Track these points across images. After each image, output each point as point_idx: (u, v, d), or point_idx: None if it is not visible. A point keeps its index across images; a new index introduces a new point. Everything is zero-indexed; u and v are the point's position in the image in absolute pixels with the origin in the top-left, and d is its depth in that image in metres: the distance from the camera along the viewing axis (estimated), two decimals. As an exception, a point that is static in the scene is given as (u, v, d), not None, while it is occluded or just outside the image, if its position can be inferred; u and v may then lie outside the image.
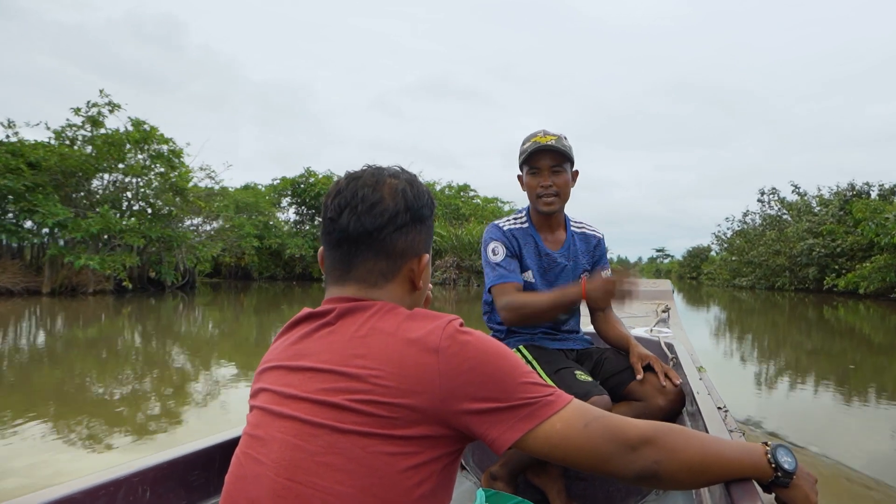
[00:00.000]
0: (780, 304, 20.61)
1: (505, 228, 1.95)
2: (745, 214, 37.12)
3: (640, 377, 1.76)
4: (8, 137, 16.08)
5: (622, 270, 1.75)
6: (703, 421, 1.34)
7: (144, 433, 3.85)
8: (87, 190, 17.78)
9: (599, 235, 2.07)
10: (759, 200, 35.24)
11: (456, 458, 0.83)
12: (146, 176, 18.54)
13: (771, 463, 0.85)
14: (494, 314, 2.00)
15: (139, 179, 18.55)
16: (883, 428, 4.38)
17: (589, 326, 2.23)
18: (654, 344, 2.41)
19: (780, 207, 33.72)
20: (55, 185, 16.30)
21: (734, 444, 0.87)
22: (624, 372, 1.83)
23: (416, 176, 0.95)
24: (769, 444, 0.87)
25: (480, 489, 1.31)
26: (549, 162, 1.87)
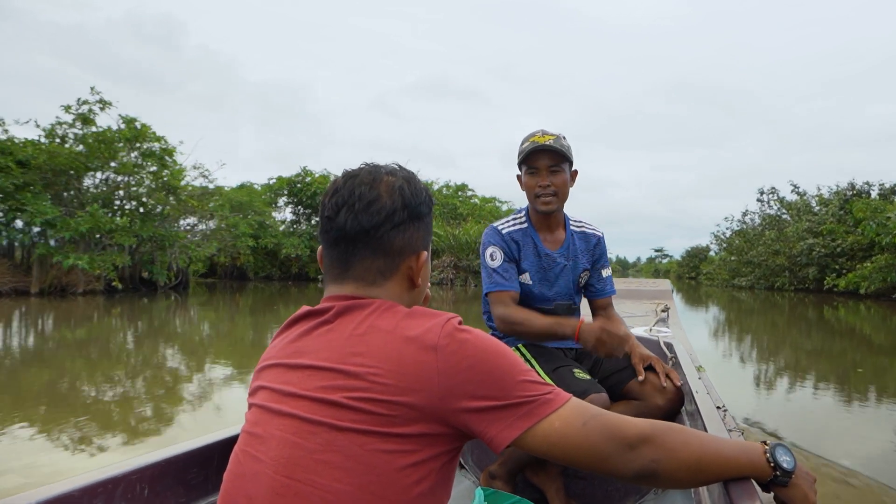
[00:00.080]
0: (779, 304, 20.61)
1: (504, 232, 1.95)
2: (744, 214, 37.13)
3: (641, 378, 1.76)
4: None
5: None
6: (701, 420, 1.34)
7: (137, 435, 3.83)
8: (77, 189, 17.49)
9: (599, 234, 2.07)
10: (758, 200, 35.29)
11: (454, 456, 0.83)
12: (138, 174, 18.24)
13: (770, 462, 0.85)
14: (493, 314, 2.00)
15: (131, 178, 18.25)
16: (883, 428, 4.38)
17: None
18: (653, 343, 2.41)
19: (779, 207, 33.70)
20: (45, 183, 16.03)
21: (733, 443, 0.87)
22: (623, 371, 1.83)
23: (413, 174, 0.95)
24: (768, 443, 0.87)
25: (479, 488, 1.31)
26: (547, 162, 1.86)
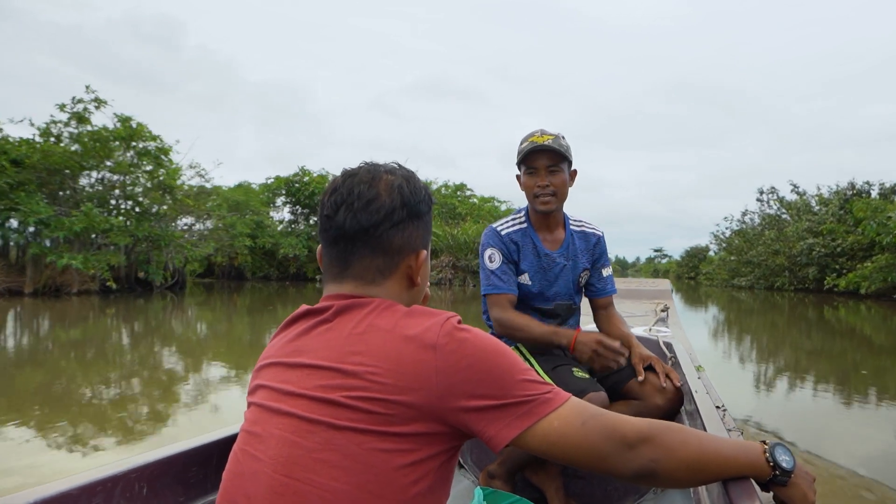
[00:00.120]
0: (779, 304, 20.60)
1: (503, 233, 1.94)
2: (743, 214, 37.19)
3: (641, 379, 1.76)
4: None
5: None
6: (701, 420, 1.33)
7: (132, 436, 3.82)
8: (73, 188, 17.29)
9: (599, 233, 2.06)
10: (758, 200, 35.32)
11: (453, 455, 0.83)
12: (133, 174, 18.05)
13: (769, 461, 0.85)
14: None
15: (126, 177, 18.06)
16: (883, 429, 4.39)
17: (589, 325, 2.23)
18: (652, 343, 2.41)
19: (779, 207, 33.70)
20: (39, 182, 15.87)
21: (732, 442, 0.87)
22: (622, 371, 1.82)
23: (413, 172, 0.94)
24: (767, 442, 0.87)
25: (478, 487, 1.31)
26: (545, 162, 1.86)
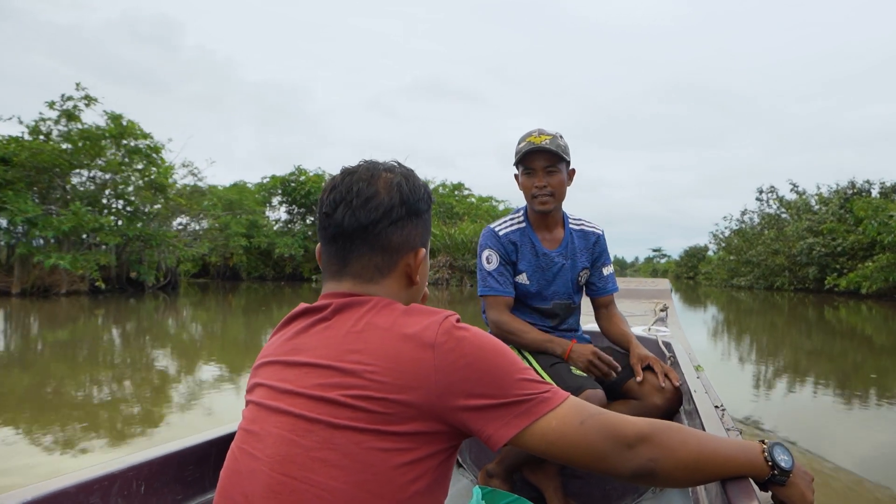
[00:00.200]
0: (779, 304, 20.60)
1: (501, 234, 1.94)
2: (742, 213, 37.10)
3: (639, 379, 1.76)
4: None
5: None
6: (700, 419, 1.33)
7: (124, 437, 3.80)
8: (63, 187, 17.12)
9: (599, 232, 2.05)
10: (757, 199, 35.24)
11: (451, 454, 0.83)
12: (124, 172, 17.83)
13: (768, 461, 0.85)
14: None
15: (118, 176, 17.86)
16: (883, 429, 4.39)
17: (589, 325, 2.23)
18: (651, 343, 2.41)
19: (778, 206, 33.64)
20: (29, 181, 15.69)
21: (731, 442, 0.87)
22: (622, 370, 1.82)
23: (412, 170, 0.94)
24: (766, 442, 0.87)
25: (477, 486, 1.31)
26: (543, 162, 1.85)
